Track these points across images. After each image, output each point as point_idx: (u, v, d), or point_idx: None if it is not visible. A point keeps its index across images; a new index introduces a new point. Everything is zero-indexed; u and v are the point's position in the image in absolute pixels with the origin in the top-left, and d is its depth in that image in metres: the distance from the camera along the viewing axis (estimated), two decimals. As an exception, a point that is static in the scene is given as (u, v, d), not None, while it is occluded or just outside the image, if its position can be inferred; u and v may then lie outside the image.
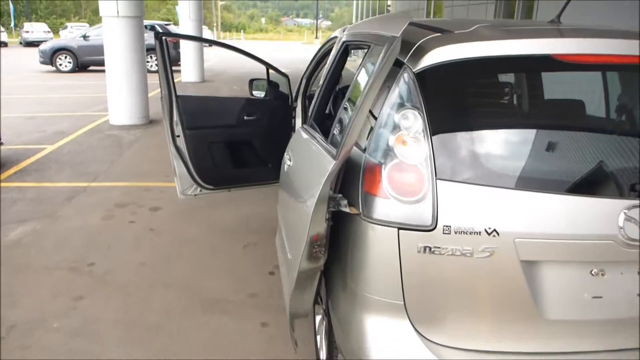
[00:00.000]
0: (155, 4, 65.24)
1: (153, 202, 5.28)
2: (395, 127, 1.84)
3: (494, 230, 1.75)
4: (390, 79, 1.91)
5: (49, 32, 35.82)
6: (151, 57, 18.62)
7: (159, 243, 4.34)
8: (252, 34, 70.90)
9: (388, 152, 1.83)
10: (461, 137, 1.86)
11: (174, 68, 4.09)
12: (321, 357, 2.65)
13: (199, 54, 15.64)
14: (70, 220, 4.78)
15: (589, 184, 1.82)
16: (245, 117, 4.24)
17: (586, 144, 1.91)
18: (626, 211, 1.76)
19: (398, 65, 1.94)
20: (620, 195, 1.80)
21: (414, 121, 1.82)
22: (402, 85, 1.89)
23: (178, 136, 3.89)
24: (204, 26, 48.77)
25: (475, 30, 2.07)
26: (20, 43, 35.11)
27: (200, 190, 4.00)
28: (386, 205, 1.81)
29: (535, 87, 2.24)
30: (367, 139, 1.96)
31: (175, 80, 3.73)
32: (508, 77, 2.21)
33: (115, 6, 8.46)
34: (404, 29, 1.77)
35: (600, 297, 1.85)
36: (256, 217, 4.90)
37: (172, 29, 20.15)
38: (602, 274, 1.83)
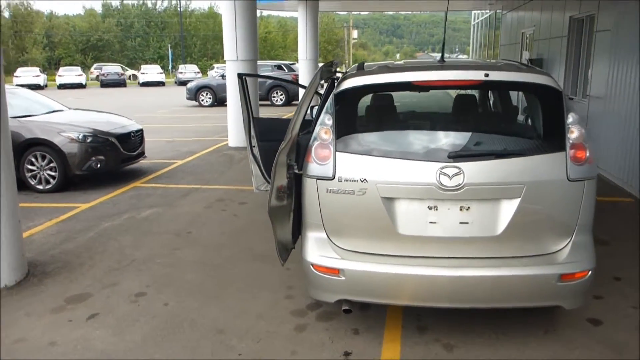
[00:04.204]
0: (294, 44, 70.56)
1: (243, 198, 7.04)
2: (321, 124, 3.29)
3: (365, 179, 3.12)
4: (326, 96, 3.38)
5: (198, 72, 40.85)
6: (276, 92, 21.26)
7: (238, 223, 6.04)
8: (383, 69, 73.27)
9: (316, 137, 3.28)
10: (351, 128, 3.28)
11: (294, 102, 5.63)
12: None
13: (315, 89, 17.64)
14: (182, 208, 6.67)
15: (421, 154, 3.13)
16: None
17: (421, 133, 3.23)
18: (441, 169, 3.04)
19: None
20: (439, 160, 3.07)
21: (329, 121, 3.26)
22: (328, 101, 3.35)
23: (254, 146, 5.52)
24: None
25: (374, 69, 3.45)
26: (175, 82, 40.39)
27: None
28: (312, 166, 3.26)
29: (395, 99, 3.63)
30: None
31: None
32: (384, 95, 3.58)
33: (235, 52, 10.62)
34: (325, 67, 3.25)
35: (435, 222, 3.12)
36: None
37: (296, 67, 22.56)
38: (436, 208, 3.11)
